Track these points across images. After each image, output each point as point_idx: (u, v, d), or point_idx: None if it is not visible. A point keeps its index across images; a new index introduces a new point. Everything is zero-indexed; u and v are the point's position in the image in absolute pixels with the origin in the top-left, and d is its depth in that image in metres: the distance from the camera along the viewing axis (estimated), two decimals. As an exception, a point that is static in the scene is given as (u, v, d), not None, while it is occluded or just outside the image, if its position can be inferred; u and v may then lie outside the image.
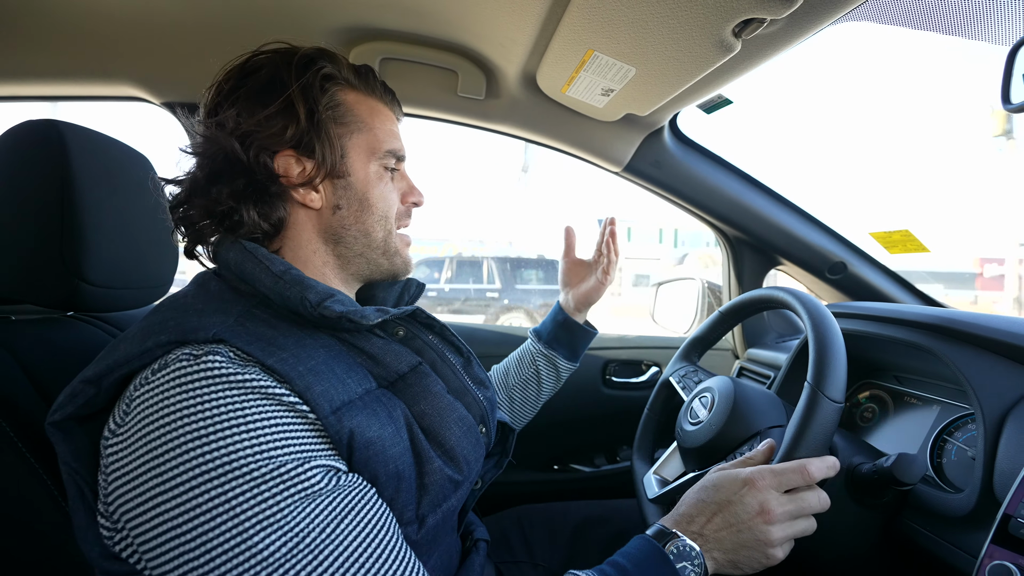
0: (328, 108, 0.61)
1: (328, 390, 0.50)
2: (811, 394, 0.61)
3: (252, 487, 0.44)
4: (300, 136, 0.59)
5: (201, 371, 0.46)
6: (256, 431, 0.45)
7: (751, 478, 0.56)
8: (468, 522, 0.75)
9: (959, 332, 0.73)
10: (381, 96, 0.67)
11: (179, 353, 0.48)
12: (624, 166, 1.15)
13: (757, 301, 0.84)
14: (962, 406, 0.79)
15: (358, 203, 0.63)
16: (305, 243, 0.63)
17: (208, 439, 0.44)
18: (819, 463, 0.57)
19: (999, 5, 0.65)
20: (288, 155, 0.60)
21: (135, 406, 0.46)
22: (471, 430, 0.62)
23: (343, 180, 0.62)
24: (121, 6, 0.82)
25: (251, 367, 0.48)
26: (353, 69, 0.65)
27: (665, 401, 0.90)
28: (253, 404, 0.46)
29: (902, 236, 1.12)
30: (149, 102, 1.06)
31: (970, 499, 0.61)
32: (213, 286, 0.57)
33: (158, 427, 0.44)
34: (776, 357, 1.16)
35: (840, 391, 0.61)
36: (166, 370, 0.47)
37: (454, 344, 0.69)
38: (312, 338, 0.55)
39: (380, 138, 0.65)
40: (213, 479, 0.43)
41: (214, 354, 0.47)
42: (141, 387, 0.47)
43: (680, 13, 0.65)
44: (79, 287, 0.68)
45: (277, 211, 0.60)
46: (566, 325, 0.97)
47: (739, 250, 1.31)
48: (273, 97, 0.58)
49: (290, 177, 0.60)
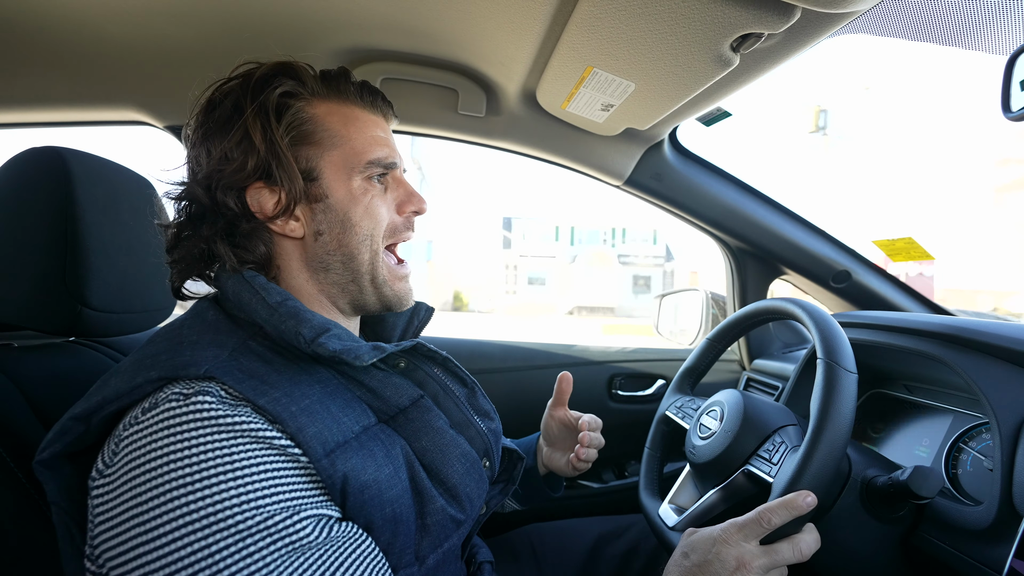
0: (292, 129, 0.57)
1: (322, 431, 0.48)
2: (827, 368, 0.61)
3: (237, 540, 0.42)
4: (263, 166, 0.55)
5: (190, 412, 0.44)
6: (244, 479, 0.43)
7: (720, 536, 0.55)
8: (472, 544, 0.73)
9: (970, 341, 0.73)
10: (358, 101, 0.62)
11: (169, 392, 0.46)
12: (625, 180, 1.15)
13: (745, 319, 0.84)
14: (975, 415, 0.78)
15: (339, 225, 0.59)
16: (296, 273, 0.60)
17: (194, 488, 0.42)
18: (779, 508, 0.54)
19: (996, 16, 0.66)
20: (258, 188, 0.57)
21: (123, 447, 0.45)
22: (474, 466, 0.60)
23: (321, 203, 0.58)
24: (123, 31, 0.83)
25: (242, 407, 0.46)
26: (322, 78, 0.61)
27: (664, 436, 0.87)
28: (242, 449, 0.44)
29: (905, 244, 1.11)
30: (152, 126, 1.06)
31: (989, 512, 0.60)
32: (211, 315, 0.56)
33: (143, 472, 0.43)
34: (783, 368, 1.15)
35: (853, 363, 0.61)
36: (155, 410, 0.45)
37: (458, 375, 0.67)
38: (308, 373, 0.53)
39: (359, 149, 0.59)
40: (197, 531, 0.41)
41: (204, 394, 0.46)
42: (130, 427, 0.46)
43: (679, 29, 0.66)
44: (82, 312, 0.67)
45: (257, 247, 0.58)
46: (530, 474, 0.84)
47: (742, 261, 1.31)
48: (233, 130, 0.55)
49: (264, 211, 0.57)
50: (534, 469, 0.85)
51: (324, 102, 0.60)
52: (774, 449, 0.65)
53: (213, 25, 0.82)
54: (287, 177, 0.56)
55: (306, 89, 0.59)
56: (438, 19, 0.80)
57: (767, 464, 0.64)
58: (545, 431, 0.86)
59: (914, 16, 0.70)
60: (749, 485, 0.67)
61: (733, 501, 0.68)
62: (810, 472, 0.56)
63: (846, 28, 0.68)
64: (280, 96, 0.57)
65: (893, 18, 0.70)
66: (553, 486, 0.87)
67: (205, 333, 0.53)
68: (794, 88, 65.10)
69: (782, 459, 0.63)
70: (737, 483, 0.67)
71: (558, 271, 27.07)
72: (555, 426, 0.84)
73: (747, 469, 0.66)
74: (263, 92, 0.56)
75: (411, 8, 0.77)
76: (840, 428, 0.57)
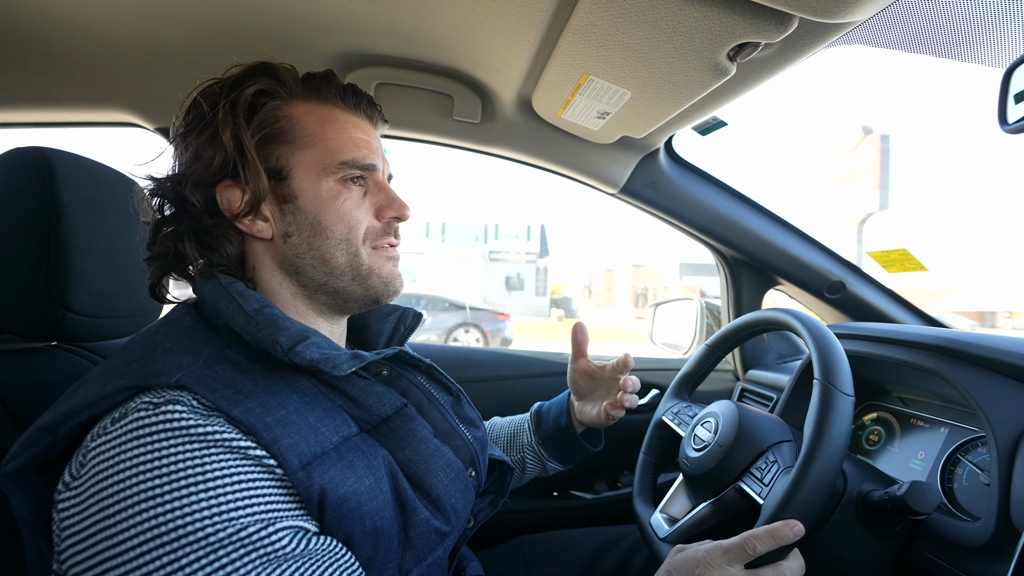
0: (264, 127, 0.56)
1: (298, 443, 0.47)
2: (823, 389, 0.60)
3: (208, 552, 0.40)
4: (231, 163, 0.55)
5: (160, 422, 0.43)
6: (216, 489, 0.42)
7: (704, 559, 0.54)
8: (461, 557, 0.71)
9: (967, 354, 0.72)
10: (339, 102, 0.60)
11: (139, 402, 0.45)
12: (620, 188, 1.15)
13: (744, 328, 0.83)
14: (971, 428, 0.78)
15: (309, 228, 0.57)
16: (269, 276, 0.59)
17: (163, 500, 0.41)
18: (764, 536, 0.53)
19: (993, 27, 0.66)
20: (227, 186, 0.56)
21: (91, 459, 0.43)
22: (459, 476, 0.59)
23: (291, 204, 0.57)
24: (114, 32, 0.82)
25: (214, 417, 0.45)
26: (303, 79, 0.60)
27: (660, 441, 0.86)
28: (215, 459, 0.43)
29: (900, 255, 1.11)
30: (143, 128, 1.05)
31: (987, 528, 0.59)
32: (187, 322, 0.54)
33: (111, 484, 0.41)
34: (778, 379, 1.15)
35: (850, 385, 0.61)
36: (124, 420, 0.44)
37: (442, 383, 0.66)
38: (286, 382, 0.51)
39: (334, 149, 0.58)
40: (166, 544, 0.40)
41: (175, 403, 0.44)
42: (98, 438, 0.44)
43: (675, 38, 0.65)
44: (64, 316, 0.66)
45: (224, 245, 0.57)
46: (566, 432, 0.84)
47: (737, 271, 1.30)
48: (203, 127, 0.55)
49: (232, 208, 0.56)
50: (571, 427, 0.85)
51: (303, 103, 0.59)
52: (766, 468, 0.64)
53: (205, 28, 0.81)
54: (251, 174, 0.55)
55: (284, 89, 0.58)
56: (433, 24, 0.79)
57: (758, 484, 0.63)
58: (573, 386, 0.86)
59: (911, 28, 0.70)
60: (740, 501, 0.66)
61: (724, 516, 0.68)
62: (800, 498, 0.56)
63: (843, 39, 0.68)
64: (254, 94, 0.56)
65: (890, 30, 0.70)
66: (593, 440, 0.87)
67: (180, 340, 0.51)
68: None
69: (773, 480, 0.62)
70: (728, 498, 0.67)
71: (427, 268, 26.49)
72: (580, 379, 0.84)
73: (739, 486, 0.66)
74: (236, 90, 0.56)
75: (406, 13, 0.77)
76: (833, 452, 0.57)
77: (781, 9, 0.57)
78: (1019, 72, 0.62)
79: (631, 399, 0.77)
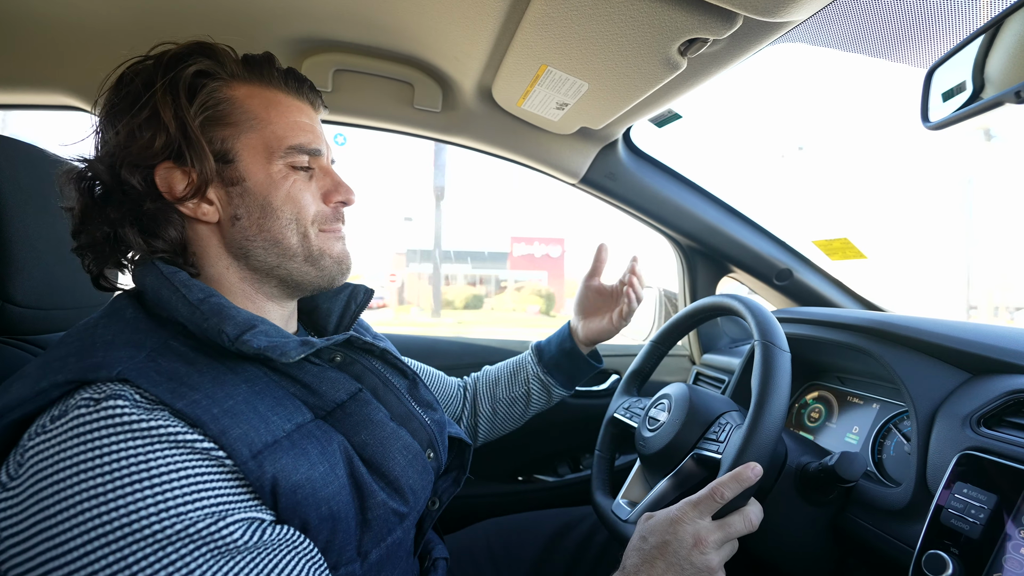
0: (206, 108, 0.54)
1: (247, 432, 0.46)
2: (764, 348, 0.65)
3: (156, 549, 0.40)
4: (173, 145, 0.53)
5: (101, 419, 0.42)
6: (162, 485, 0.41)
7: (676, 516, 0.57)
8: (426, 540, 0.72)
9: (893, 334, 0.78)
10: (282, 86, 0.59)
11: (79, 398, 0.43)
12: (580, 178, 1.17)
13: (685, 320, 0.87)
14: (898, 404, 0.84)
15: (259, 210, 0.56)
16: (214, 260, 0.57)
17: (107, 498, 0.39)
18: (729, 481, 0.57)
19: (920, 29, 0.71)
20: (168, 168, 0.53)
21: (28, 458, 0.42)
22: (417, 457, 0.59)
23: (238, 187, 0.55)
24: (52, 8, 0.78)
25: (158, 411, 0.44)
26: (243, 61, 0.58)
27: (614, 437, 0.89)
28: (159, 454, 0.42)
29: (841, 244, 1.18)
30: (86, 111, 1.00)
31: (906, 493, 0.65)
32: (129, 313, 0.52)
33: (51, 484, 0.40)
34: (730, 362, 1.21)
35: (785, 343, 0.66)
36: (64, 418, 0.42)
37: (397, 367, 0.66)
38: (234, 372, 0.50)
39: (280, 133, 0.56)
40: (111, 543, 0.39)
41: (116, 398, 0.43)
42: (36, 436, 0.42)
43: (628, 31, 0.67)
44: (5, 309, 0.63)
45: (166, 230, 0.54)
46: (571, 354, 0.92)
47: (692, 259, 1.35)
48: (140, 106, 0.53)
49: (173, 192, 0.54)
50: (577, 350, 0.93)
51: (244, 85, 0.57)
52: (720, 430, 0.68)
53: (154, 8, 0.78)
54: (197, 157, 0.53)
55: (224, 70, 0.56)
56: (391, 11, 0.79)
57: (714, 443, 0.67)
58: (582, 303, 0.94)
59: (847, 29, 0.75)
60: (699, 470, 0.70)
61: (684, 487, 0.71)
62: (756, 441, 0.60)
63: (785, 37, 0.72)
64: (194, 75, 0.54)
65: (828, 30, 0.74)
66: (597, 358, 0.96)
67: (122, 332, 0.49)
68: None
69: (728, 436, 0.66)
70: (687, 469, 0.70)
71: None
72: (592, 295, 0.94)
73: (696, 453, 0.69)
74: (175, 70, 0.53)
75: (364, -1, 0.76)
76: (779, 399, 0.61)
77: (726, 7, 0.60)
78: (941, 71, 0.67)
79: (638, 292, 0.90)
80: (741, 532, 0.57)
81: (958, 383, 0.69)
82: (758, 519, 0.59)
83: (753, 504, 0.60)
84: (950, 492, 0.58)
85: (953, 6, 0.69)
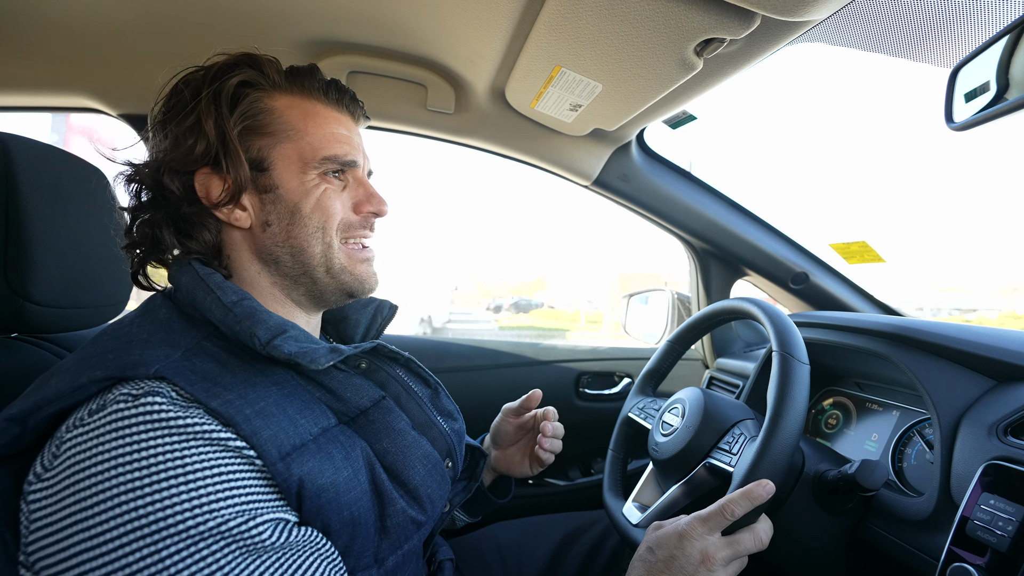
0: (246, 118, 0.56)
1: (277, 434, 0.47)
2: (782, 359, 0.63)
3: (188, 544, 0.40)
4: (212, 152, 0.55)
5: (139, 414, 0.43)
6: (196, 482, 0.42)
7: (685, 530, 0.56)
8: (433, 543, 0.73)
9: (915, 340, 0.76)
10: (322, 97, 0.61)
11: (118, 393, 0.44)
12: (593, 180, 1.16)
13: (703, 321, 0.86)
14: (920, 411, 0.82)
15: (289, 217, 0.57)
16: (246, 265, 0.59)
17: (143, 492, 0.40)
18: (740, 498, 0.56)
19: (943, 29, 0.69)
20: (206, 173, 0.56)
21: (65, 450, 0.43)
22: (436, 467, 0.60)
23: (271, 194, 0.57)
24: (72, 13, 0.79)
25: (194, 409, 0.45)
26: (287, 72, 0.60)
27: (628, 437, 0.89)
28: (194, 451, 0.43)
29: (859, 247, 1.16)
30: (106, 114, 1.02)
31: (929, 503, 0.63)
32: (163, 313, 0.54)
33: (88, 476, 0.41)
34: (744, 366, 1.19)
35: (805, 354, 0.64)
36: (103, 412, 0.43)
37: (420, 375, 0.67)
38: (264, 375, 0.52)
39: (316, 144, 0.58)
40: (145, 536, 0.40)
41: (154, 394, 0.44)
42: (74, 429, 0.43)
43: (644, 32, 0.67)
44: (24, 307, 0.64)
45: (202, 233, 0.57)
46: (475, 490, 0.83)
47: (706, 262, 1.34)
48: (184, 114, 0.55)
49: (210, 196, 0.56)
50: (480, 489, 0.84)
51: (285, 95, 0.59)
52: (733, 441, 0.67)
53: (171, 10, 0.79)
54: (233, 164, 0.55)
55: (267, 80, 0.58)
56: (405, 13, 0.79)
57: (727, 455, 0.66)
58: (497, 433, 0.85)
59: (869, 28, 0.73)
60: (711, 478, 0.69)
61: (696, 495, 0.70)
62: (769, 457, 0.58)
63: (804, 37, 0.70)
64: (237, 85, 0.56)
65: (849, 29, 0.73)
66: (501, 492, 0.87)
67: (157, 332, 0.51)
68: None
69: (741, 448, 0.65)
70: (699, 477, 0.69)
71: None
72: (511, 429, 0.84)
73: (708, 462, 0.68)
74: (220, 80, 0.56)
75: (380, 1, 0.76)
76: (795, 414, 0.60)
77: (744, 6, 0.59)
78: (965, 71, 0.66)
79: (552, 443, 0.80)
80: (750, 550, 0.56)
81: (983, 390, 0.67)
82: (768, 537, 0.57)
83: (763, 521, 0.58)
84: (976, 503, 0.56)
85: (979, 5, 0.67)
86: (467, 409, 0.78)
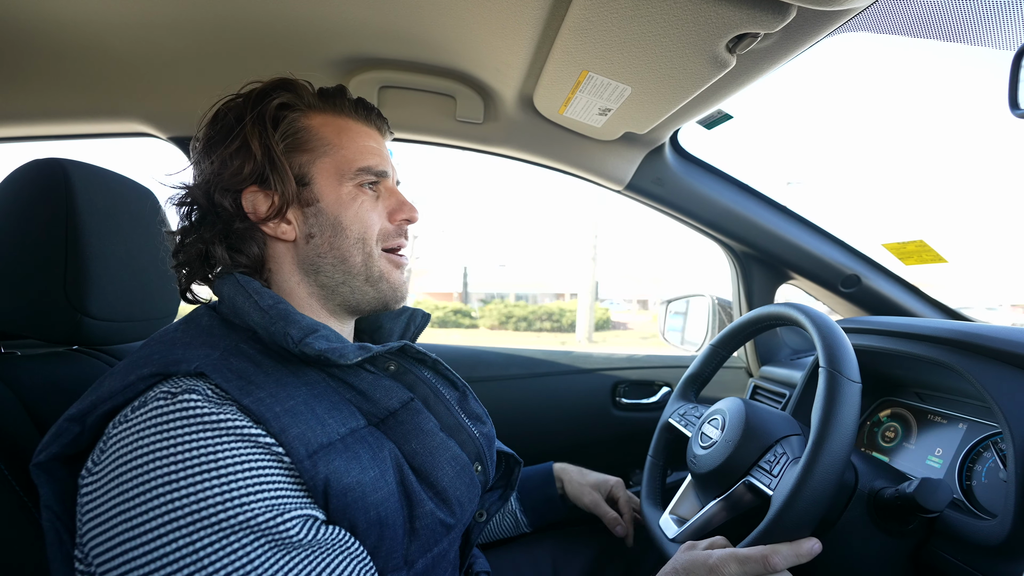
0: (287, 137, 0.60)
1: (305, 432, 0.49)
2: (829, 376, 0.59)
3: (221, 537, 0.42)
4: (259, 171, 0.59)
5: (177, 410, 0.45)
6: (227, 476, 0.44)
7: (716, 565, 0.54)
8: (471, 555, 0.72)
9: (982, 347, 0.70)
10: (352, 114, 0.65)
11: (158, 391, 0.48)
12: (626, 184, 1.14)
13: (748, 325, 0.82)
14: (990, 424, 0.75)
15: (331, 228, 0.61)
16: (288, 276, 0.62)
17: (178, 485, 0.43)
18: (787, 551, 0.54)
19: (1003, 8, 0.64)
20: (253, 191, 0.60)
21: (111, 445, 0.46)
22: (465, 470, 0.60)
23: (313, 207, 0.61)
24: (124, 44, 0.84)
25: (228, 406, 0.47)
26: (319, 93, 0.65)
27: (667, 444, 0.86)
28: (226, 446, 0.45)
29: (917, 247, 1.08)
30: (156, 137, 1.08)
31: (1004, 526, 0.58)
32: (205, 321, 0.58)
33: (130, 469, 0.44)
34: (791, 375, 1.13)
35: (856, 372, 0.60)
36: (143, 408, 0.46)
37: (448, 378, 0.68)
38: (295, 375, 0.54)
39: (350, 157, 0.62)
40: (181, 527, 0.42)
41: (191, 392, 0.47)
42: (119, 425, 0.47)
43: (672, 31, 0.65)
44: (82, 321, 0.68)
45: (250, 247, 0.61)
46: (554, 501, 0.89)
47: (747, 266, 1.28)
48: (232, 138, 0.59)
49: (258, 212, 0.60)
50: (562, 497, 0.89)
51: (319, 114, 0.63)
52: (775, 460, 0.63)
53: (213, 37, 0.83)
54: (280, 181, 0.59)
55: (302, 102, 0.63)
56: (433, 26, 0.80)
57: (767, 476, 0.62)
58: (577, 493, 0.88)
59: (917, 11, 0.69)
60: (751, 497, 0.65)
61: (734, 513, 0.67)
62: (811, 485, 0.55)
63: (845, 27, 0.67)
64: (277, 107, 0.61)
65: (894, 14, 0.68)
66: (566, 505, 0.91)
67: (198, 336, 0.55)
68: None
69: (782, 471, 0.61)
70: (738, 494, 0.66)
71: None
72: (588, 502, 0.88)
73: (748, 480, 0.65)
74: (262, 103, 0.60)
75: (406, 16, 0.77)
76: (842, 440, 0.56)
77: (777, -2, 0.56)
78: (1031, 54, 0.60)
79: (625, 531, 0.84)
80: None
81: None
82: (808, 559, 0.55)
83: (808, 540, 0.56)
84: None
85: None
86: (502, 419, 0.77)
